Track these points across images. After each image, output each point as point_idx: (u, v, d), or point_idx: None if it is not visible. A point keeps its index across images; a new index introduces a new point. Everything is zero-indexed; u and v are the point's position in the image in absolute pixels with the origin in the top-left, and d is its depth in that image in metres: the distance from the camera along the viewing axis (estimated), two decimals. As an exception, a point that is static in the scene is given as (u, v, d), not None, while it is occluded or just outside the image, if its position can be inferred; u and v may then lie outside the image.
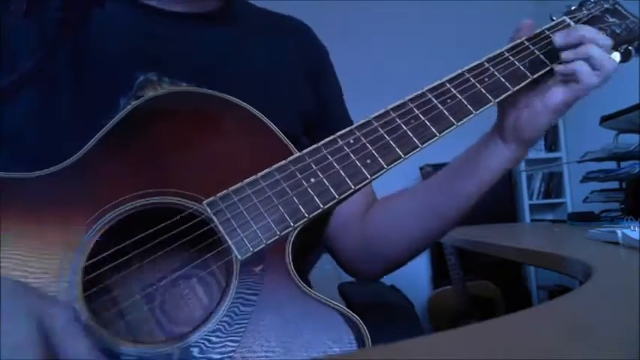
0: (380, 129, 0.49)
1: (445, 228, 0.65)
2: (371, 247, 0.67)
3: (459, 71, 0.55)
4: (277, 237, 0.43)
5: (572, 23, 0.62)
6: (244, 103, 0.47)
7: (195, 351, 0.39)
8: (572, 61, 0.55)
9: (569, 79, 0.56)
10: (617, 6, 0.66)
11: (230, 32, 0.62)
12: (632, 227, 0.77)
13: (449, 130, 0.51)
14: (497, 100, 0.54)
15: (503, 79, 0.55)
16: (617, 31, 0.63)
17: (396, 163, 0.48)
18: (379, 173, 0.47)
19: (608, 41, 0.57)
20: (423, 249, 0.67)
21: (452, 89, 0.53)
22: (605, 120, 1.86)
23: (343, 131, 0.49)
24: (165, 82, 0.54)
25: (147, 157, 0.45)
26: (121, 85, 0.53)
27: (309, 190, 0.45)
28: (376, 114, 0.50)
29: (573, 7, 0.66)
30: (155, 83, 0.54)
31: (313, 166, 0.46)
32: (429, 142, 0.50)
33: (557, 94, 0.56)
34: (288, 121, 0.58)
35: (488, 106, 0.54)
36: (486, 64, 0.56)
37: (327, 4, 2.71)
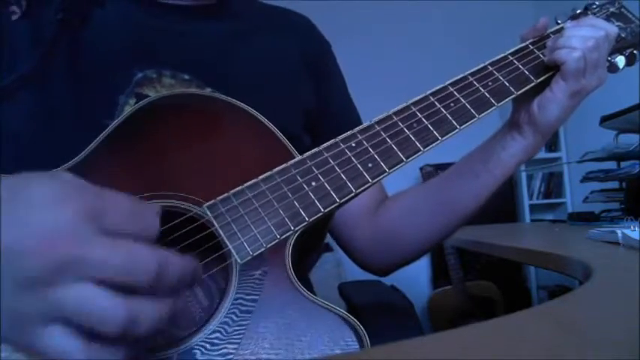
0: (382, 133, 0.49)
1: (456, 224, 0.65)
2: (384, 243, 0.67)
3: (462, 75, 0.55)
4: (277, 241, 0.43)
5: None
6: (247, 106, 0.47)
7: (194, 355, 0.39)
8: (553, 52, 0.57)
9: (558, 65, 0.56)
10: (622, 9, 0.66)
11: (231, 26, 0.62)
12: (632, 227, 0.77)
13: (451, 134, 0.51)
14: (500, 104, 0.54)
15: (507, 83, 0.55)
16: (623, 35, 0.63)
17: (397, 167, 0.48)
18: (380, 177, 0.47)
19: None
20: (436, 244, 0.68)
21: (455, 93, 0.53)
22: (605, 120, 1.86)
23: (345, 135, 0.48)
24: (166, 76, 0.54)
25: (147, 160, 0.45)
26: (120, 82, 0.53)
27: (310, 193, 0.45)
28: (378, 118, 0.50)
29: (579, 11, 0.65)
30: (154, 80, 0.53)
31: (314, 169, 0.46)
32: (431, 146, 0.49)
33: (559, 81, 0.57)
34: (289, 119, 0.58)
35: (491, 110, 0.53)
36: (490, 68, 0.56)
37: (332, 4, 2.70)
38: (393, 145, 0.48)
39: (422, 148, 0.49)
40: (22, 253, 0.27)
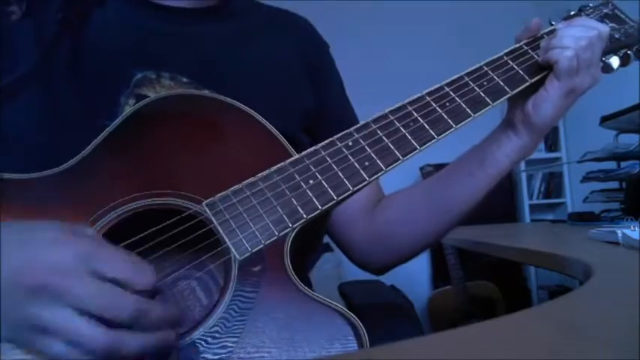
0: (379, 131, 0.49)
1: (454, 222, 0.65)
2: (381, 242, 0.68)
3: (458, 75, 0.55)
4: (276, 237, 0.43)
5: None
6: (244, 106, 0.47)
7: (193, 350, 0.39)
8: (547, 52, 0.57)
9: (552, 64, 0.57)
10: (615, 11, 0.66)
11: (230, 28, 0.62)
12: (632, 227, 0.77)
13: (447, 132, 0.51)
14: (495, 103, 0.54)
15: (502, 83, 0.56)
16: (616, 36, 0.63)
17: (394, 165, 0.48)
18: (377, 175, 0.47)
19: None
20: (433, 243, 0.68)
21: (451, 93, 0.53)
22: (605, 120, 1.86)
23: (342, 133, 0.49)
24: (165, 78, 0.54)
25: (147, 159, 0.45)
26: (120, 83, 0.53)
27: (308, 191, 0.45)
28: (375, 117, 0.50)
29: (572, 12, 0.66)
30: (153, 81, 0.54)
31: (312, 167, 0.46)
32: (427, 144, 0.50)
33: (553, 80, 0.57)
34: (287, 119, 0.58)
35: (486, 109, 0.54)
36: (485, 68, 0.56)
37: (330, 4, 2.70)
38: (390, 144, 0.49)
39: (418, 147, 0.49)
40: (21, 275, 0.33)
